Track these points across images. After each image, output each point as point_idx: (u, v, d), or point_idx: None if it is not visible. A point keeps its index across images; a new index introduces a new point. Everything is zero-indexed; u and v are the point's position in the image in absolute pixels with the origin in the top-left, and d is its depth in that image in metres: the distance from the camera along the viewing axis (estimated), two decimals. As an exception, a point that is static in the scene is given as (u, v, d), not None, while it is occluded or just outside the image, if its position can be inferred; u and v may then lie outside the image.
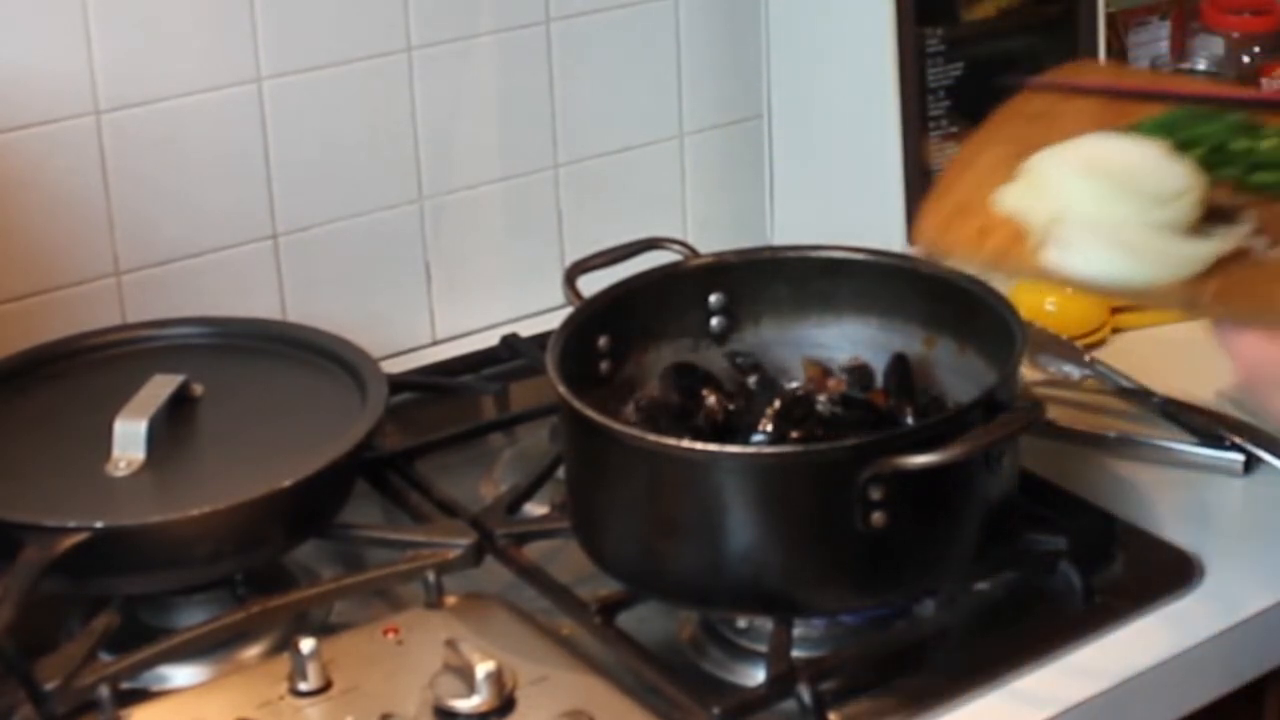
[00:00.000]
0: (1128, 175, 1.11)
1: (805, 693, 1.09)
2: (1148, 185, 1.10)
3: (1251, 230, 1.09)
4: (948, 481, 1.10)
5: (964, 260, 1.16)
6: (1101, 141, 1.14)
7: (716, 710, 1.08)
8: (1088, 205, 1.09)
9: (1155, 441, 1.38)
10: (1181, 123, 1.17)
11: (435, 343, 1.61)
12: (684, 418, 1.24)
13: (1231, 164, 1.13)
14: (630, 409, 1.28)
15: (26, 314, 1.41)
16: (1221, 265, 1.06)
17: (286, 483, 1.16)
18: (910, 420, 1.24)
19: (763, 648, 1.13)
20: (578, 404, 1.14)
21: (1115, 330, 1.56)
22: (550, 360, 1.18)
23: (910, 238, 1.13)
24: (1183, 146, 1.13)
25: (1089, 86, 1.28)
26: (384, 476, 1.34)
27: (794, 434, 1.20)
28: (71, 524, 1.12)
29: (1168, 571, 1.24)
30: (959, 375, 1.27)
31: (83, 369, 1.33)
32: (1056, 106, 1.24)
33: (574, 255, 1.42)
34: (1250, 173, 1.13)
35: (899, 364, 1.29)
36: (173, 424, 1.24)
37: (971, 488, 1.13)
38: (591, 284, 1.31)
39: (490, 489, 1.36)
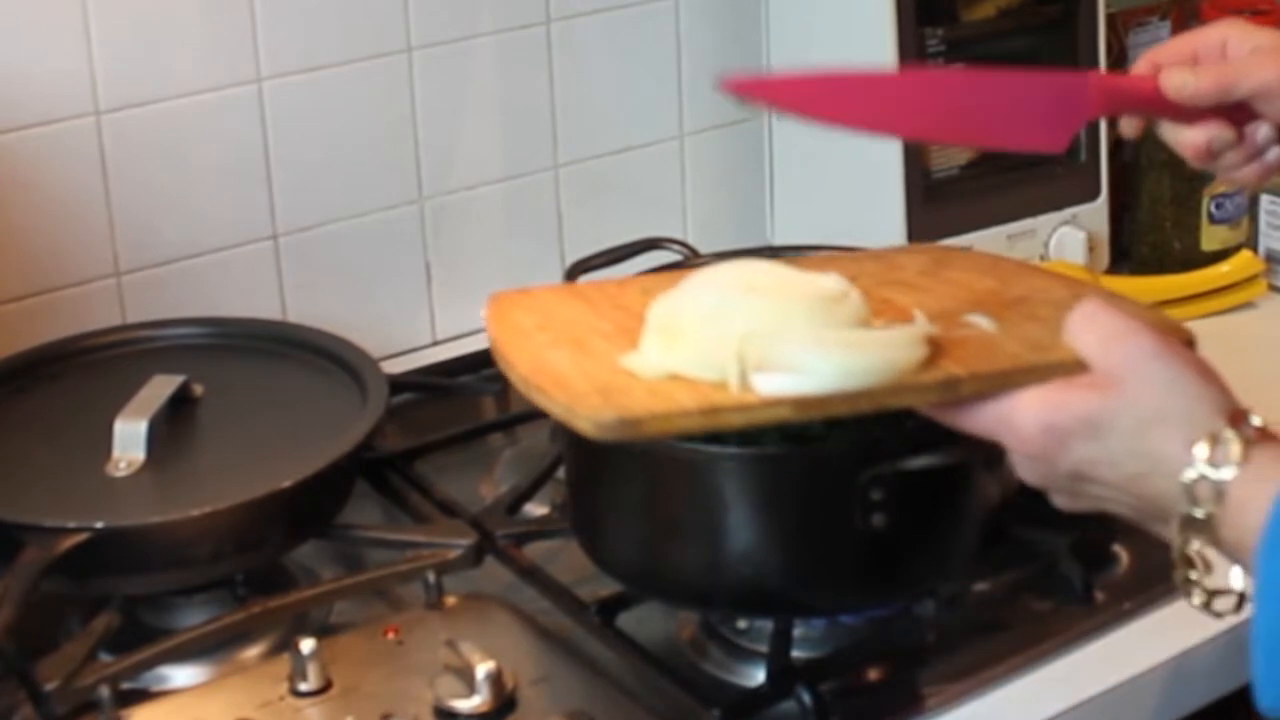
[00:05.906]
0: (783, 286, 1.01)
1: (805, 693, 1.09)
2: (810, 290, 1.00)
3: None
4: (948, 482, 1.10)
5: (673, 430, 0.96)
6: (719, 272, 1.03)
7: (717, 710, 1.08)
8: (766, 322, 0.97)
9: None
10: None
11: (435, 343, 1.61)
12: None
13: None
14: (630, 409, 1.27)
15: (26, 314, 1.41)
16: (935, 349, 0.99)
17: (286, 483, 1.16)
18: (911, 421, 1.23)
19: (763, 648, 1.13)
20: (578, 404, 1.13)
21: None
22: (550, 360, 1.18)
23: (596, 434, 0.94)
24: None
25: None
26: (384, 476, 1.35)
27: (794, 434, 1.20)
28: (71, 524, 1.12)
29: (1168, 572, 1.24)
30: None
31: (83, 369, 1.33)
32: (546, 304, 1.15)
33: (574, 255, 1.43)
34: None
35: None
36: (173, 424, 1.24)
37: (971, 488, 1.13)
38: (591, 284, 1.31)
39: (490, 489, 1.36)
